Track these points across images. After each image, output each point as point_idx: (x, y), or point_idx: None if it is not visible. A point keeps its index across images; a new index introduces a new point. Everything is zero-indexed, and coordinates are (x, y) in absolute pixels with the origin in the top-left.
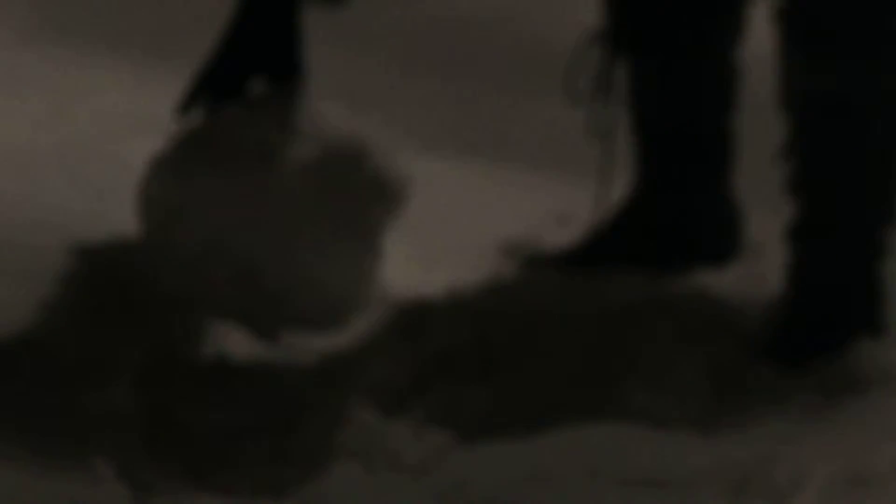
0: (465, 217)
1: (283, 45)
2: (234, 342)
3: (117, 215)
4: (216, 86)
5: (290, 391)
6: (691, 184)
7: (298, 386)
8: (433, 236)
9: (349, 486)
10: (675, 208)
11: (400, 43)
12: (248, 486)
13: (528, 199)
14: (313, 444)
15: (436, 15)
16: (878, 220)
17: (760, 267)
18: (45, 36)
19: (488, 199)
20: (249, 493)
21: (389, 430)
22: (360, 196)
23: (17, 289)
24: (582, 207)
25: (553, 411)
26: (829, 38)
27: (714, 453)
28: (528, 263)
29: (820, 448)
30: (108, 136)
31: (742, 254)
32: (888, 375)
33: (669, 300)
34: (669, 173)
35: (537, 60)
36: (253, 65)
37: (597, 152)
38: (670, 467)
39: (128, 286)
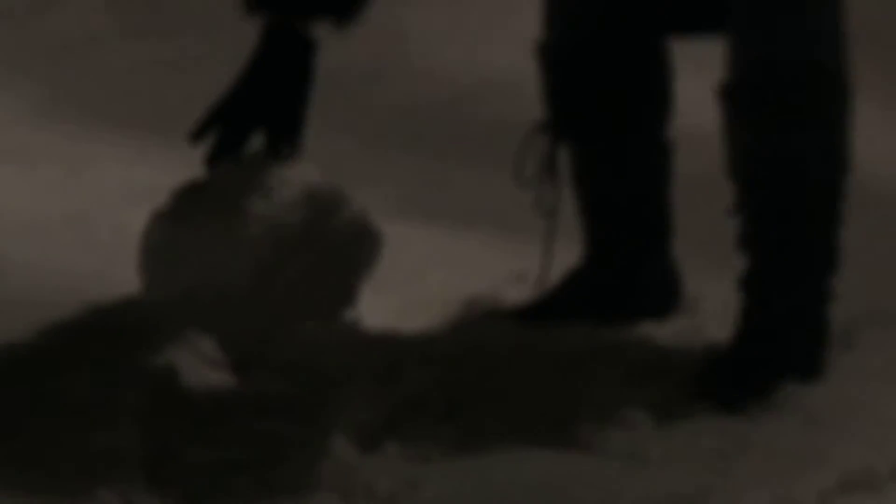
0: (434, 275)
1: (290, 102)
2: (225, 386)
3: (119, 275)
4: (223, 127)
5: (275, 429)
6: (633, 252)
7: (283, 424)
8: (406, 291)
9: None
10: (620, 275)
11: (375, 123)
12: None
13: (490, 259)
14: (296, 476)
15: (406, 99)
16: (824, 270)
17: (697, 320)
18: (55, 113)
19: (454, 259)
20: None
21: (364, 463)
22: (340, 246)
23: (29, 340)
24: (537, 267)
25: (510, 446)
26: (773, 111)
27: (655, 483)
28: (489, 316)
29: (751, 477)
30: (110, 203)
31: (680, 308)
32: (810, 408)
33: (615, 348)
34: (613, 244)
35: (494, 136)
36: (259, 117)
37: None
38: (616, 496)
39: (130, 335)
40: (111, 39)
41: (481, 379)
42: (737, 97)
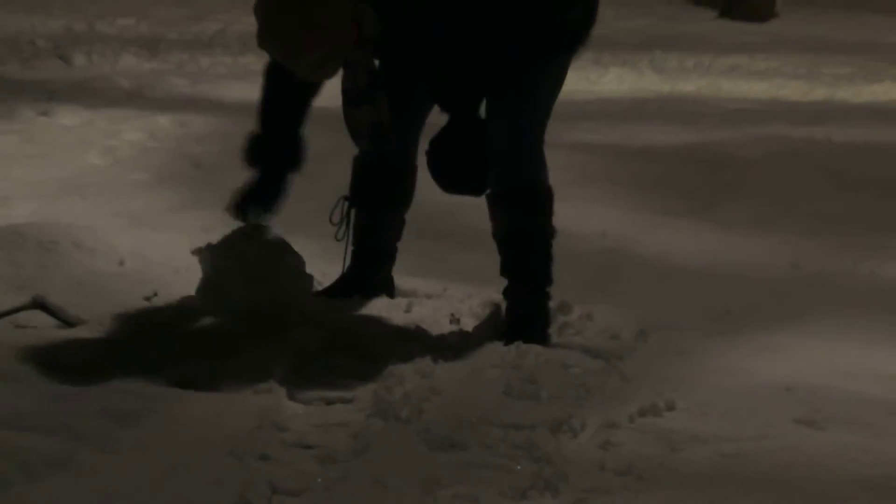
0: (431, 306)
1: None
2: (322, 359)
3: None
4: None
5: (349, 373)
6: (380, 264)
7: (350, 380)
8: (411, 316)
9: (376, 428)
10: (375, 273)
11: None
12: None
13: (457, 292)
14: (361, 412)
15: (418, 212)
16: (545, 283)
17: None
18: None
19: (439, 292)
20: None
21: (391, 398)
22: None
23: (212, 337)
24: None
25: (470, 395)
26: (516, 209)
27: (543, 412)
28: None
29: (593, 409)
30: None
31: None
32: (625, 373)
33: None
34: (372, 259)
35: (467, 235)
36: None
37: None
38: (521, 419)
39: (267, 328)
40: None
41: (455, 356)
42: (498, 200)
